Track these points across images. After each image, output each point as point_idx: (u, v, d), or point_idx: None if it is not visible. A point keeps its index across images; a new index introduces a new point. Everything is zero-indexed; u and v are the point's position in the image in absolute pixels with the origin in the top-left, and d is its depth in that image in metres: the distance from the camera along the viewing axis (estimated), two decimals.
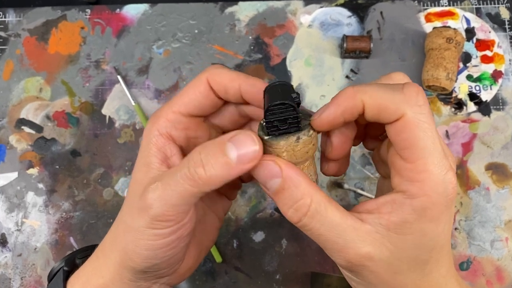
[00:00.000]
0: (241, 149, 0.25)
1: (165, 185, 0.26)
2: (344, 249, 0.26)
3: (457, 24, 0.53)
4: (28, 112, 0.52)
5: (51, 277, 0.33)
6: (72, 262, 0.33)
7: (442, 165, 0.25)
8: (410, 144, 0.25)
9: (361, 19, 0.54)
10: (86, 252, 0.33)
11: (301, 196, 0.26)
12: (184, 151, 0.31)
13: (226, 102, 0.31)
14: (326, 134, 0.29)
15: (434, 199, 0.25)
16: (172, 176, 0.26)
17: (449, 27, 0.53)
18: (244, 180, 0.35)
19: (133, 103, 0.51)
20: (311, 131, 0.27)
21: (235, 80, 0.29)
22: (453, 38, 0.49)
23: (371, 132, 0.31)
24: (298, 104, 0.26)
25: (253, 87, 0.29)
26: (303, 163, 0.28)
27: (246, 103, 0.30)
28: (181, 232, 0.28)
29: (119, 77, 0.52)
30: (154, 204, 0.26)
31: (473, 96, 0.52)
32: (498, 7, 0.54)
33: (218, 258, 0.48)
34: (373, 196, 0.49)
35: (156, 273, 0.29)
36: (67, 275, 0.32)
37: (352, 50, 0.50)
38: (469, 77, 0.52)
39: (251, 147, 0.25)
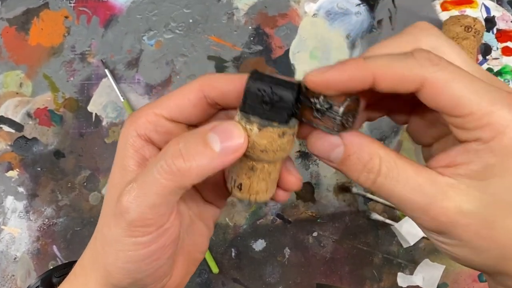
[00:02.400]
0: (225, 139, 0.25)
1: (141, 184, 0.25)
2: (426, 207, 0.25)
3: (476, 12, 0.53)
4: (7, 109, 0.52)
5: None
6: (49, 282, 0.32)
7: (499, 99, 0.24)
8: (455, 103, 0.24)
9: (371, 8, 0.53)
10: (64, 270, 0.32)
11: (370, 157, 0.26)
12: None
13: (218, 111, 0.30)
14: None
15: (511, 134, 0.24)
16: (148, 172, 0.25)
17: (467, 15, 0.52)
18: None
19: (122, 99, 0.51)
20: (296, 125, 0.26)
21: (236, 80, 0.28)
22: (472, 26, 0.48)
23: (390, 106, 0.31)
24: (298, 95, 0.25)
25: None
26: (278, 163, 0.27)
27: None
28: (164, 241, 0.27)
29: (106, 70, 0.52)
30: (130, 207, 0.25)
31: None
32: None
33: (214, 269, 0.47)
34: (383, 201, 0.48)
35: None
36: None
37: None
38: (489, 71, 0.51)
39: (235, 137, 0.25)
